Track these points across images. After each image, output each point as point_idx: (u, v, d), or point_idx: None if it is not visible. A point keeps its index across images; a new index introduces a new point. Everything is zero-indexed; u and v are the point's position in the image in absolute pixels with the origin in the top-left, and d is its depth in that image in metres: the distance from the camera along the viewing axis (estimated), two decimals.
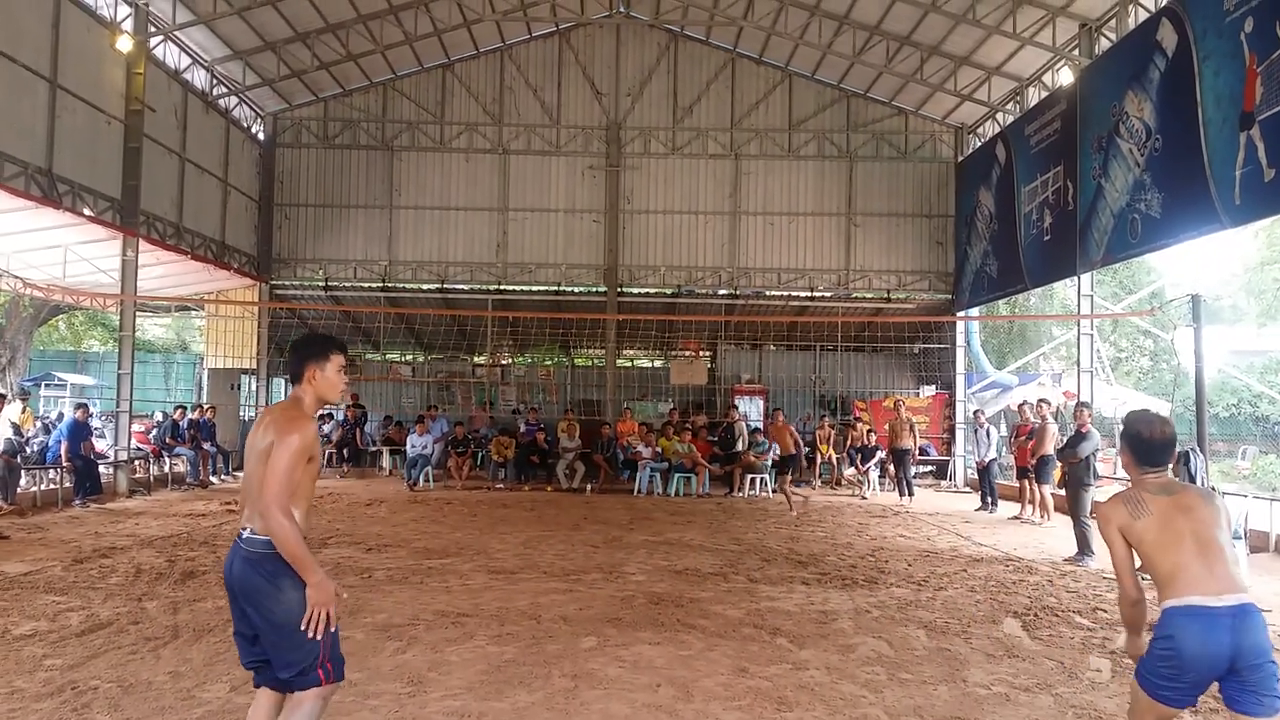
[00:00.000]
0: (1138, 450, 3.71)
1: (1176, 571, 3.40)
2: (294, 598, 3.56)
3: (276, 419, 3.70)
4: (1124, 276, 31.24)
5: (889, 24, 18.57)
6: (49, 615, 6.91)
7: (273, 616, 3.57)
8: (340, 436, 21.02)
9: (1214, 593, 3.32)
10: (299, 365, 3.87)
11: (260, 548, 3.57)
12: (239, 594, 3.62)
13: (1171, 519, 3.48)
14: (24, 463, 14.25)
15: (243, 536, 3.64)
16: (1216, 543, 3.44)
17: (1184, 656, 3.30)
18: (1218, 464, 23.95)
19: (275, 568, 3.56)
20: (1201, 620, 3.29)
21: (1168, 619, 3.38)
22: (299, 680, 3.60)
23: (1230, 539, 3.51)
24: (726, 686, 5.53)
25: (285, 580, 3.56)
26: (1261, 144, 10.59)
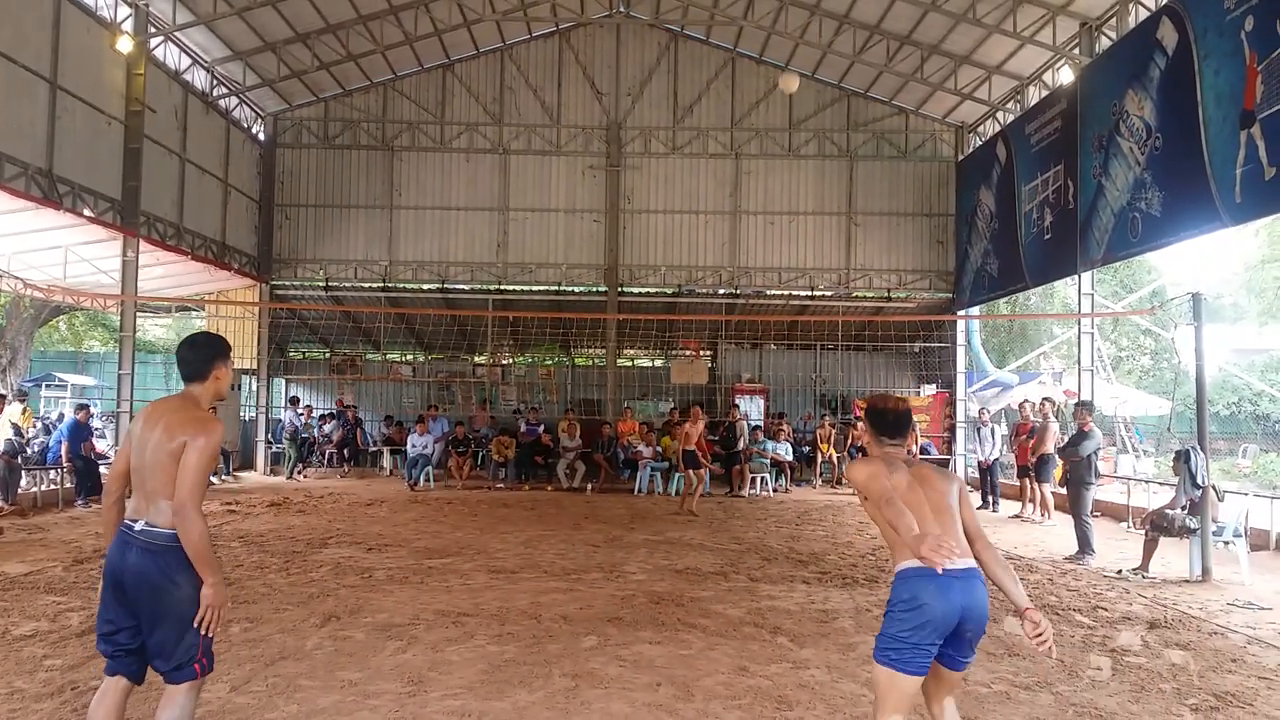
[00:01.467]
0: (878, 425, 3.96)
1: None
2: (187, 594, 3.66)
3: (185, 418, 3.74)
4: (1124, 275, 31.22)
5: (889, 23, 18.56)
6: (50, 615, 6.91)
7: (165, 610, 3.65)
8: (341, 437, 21.04)
9: (948, 555, 3.45)
10: (205, 363, 3.91)
11: (161, 540, 3.64)
12: (130, 584, 3.66)
13: (912, 487, 3.69)
14: (25, 463, 14.25)
15: (135, 528, 3.69)
16: (950, 510, 3.67)
17: (928, 611, 3.48)
18: (1218, 462, 23.93)
19: (173, 562, 3.64)
20: (939, 580, 3.48)
21: (907, 579, 3.58)
22: (176, 674, 3.72)
23: (962, 505, 3.72)
24: (727, 685, 5.53)
25: (181, 575, 3.65)
26: (1262, 142, 10.58)
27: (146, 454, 3.73)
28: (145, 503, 3.71)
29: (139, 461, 3.76)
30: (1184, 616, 7.71)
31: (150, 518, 3.67)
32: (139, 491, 3.75)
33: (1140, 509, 13.21)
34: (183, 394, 3.93)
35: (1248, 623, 7.57)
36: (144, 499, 3.71)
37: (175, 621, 3.66)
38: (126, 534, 3.71)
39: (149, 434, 3.75)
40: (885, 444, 3.92)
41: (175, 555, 3.63)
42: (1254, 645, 6.83)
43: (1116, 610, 7.91)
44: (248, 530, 11.76)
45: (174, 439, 3.66)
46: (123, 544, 3.70)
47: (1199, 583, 9.30)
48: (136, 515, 3.71)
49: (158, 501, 3.67)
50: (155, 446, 3.70)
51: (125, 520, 3.76)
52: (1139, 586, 9.14)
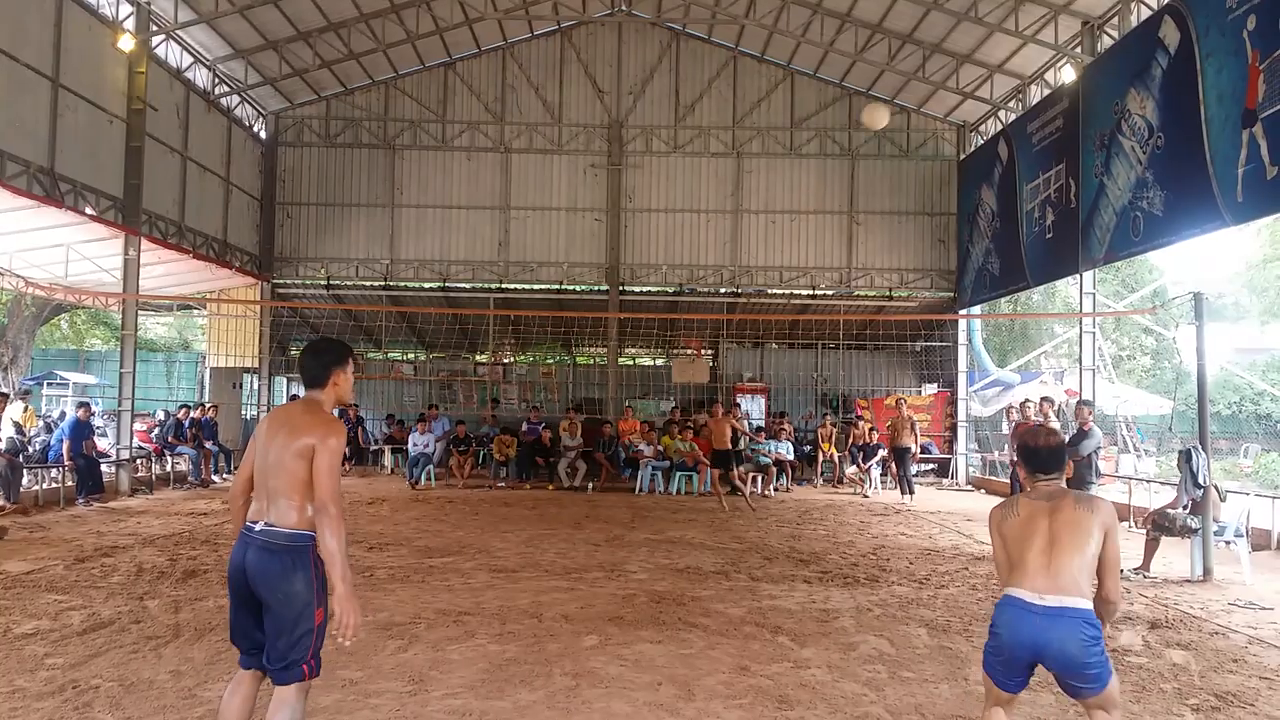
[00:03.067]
0: (1031, 461, 4.01)
1: (1017, 564, 3.72)
2: (302, 594, 3.70)
3: (311, 421, 3.82)
4: (1126, 274, 31.20)
5: (891, 22, 18.56)
6: (51, 614, 6.91)
7: (280, 608, 3.69)
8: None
9: (1036, 590, 3.61)
10: (324, 370, 3.99)
11: (281, 539, 3.71)
12: (255, 580, 3.71)
13: (1033, 521, 3.76)
14: (26, 462, 14.25)
15: (255, 529, 3.75)
16: (1068, 544, 3.67)
17: (1003, 641, 3.65)
18: (1220, 462, 23.93)
19: (294, 559, 3.71)
20: (1016, 610, 3.63)
21: (998, 606, 3.77)
22: (284, 674, 3.73)
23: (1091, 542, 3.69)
24: (728, 685, 5.53)
25: (300, 574, 3.70)
26: (1264, 141, 10.57)
27: (270, 456, 3.79)
28: (267, 504, 3.78)
29: (262, 464, 3.83)
30: (1185, 616, 7.70)
31: (270, 518, 3.74)
32: (260, 493, 3.82)
33: (1142, 509, 13.20)
34: (305, 399, 4.01)
35: (1249, 623, 7.56)
36: (266, 500, 3.78)
37: (289, 620, 3.71)
38: (247, 535, 3.79)
39: (273, 437, 3.83)
40: (1039, 479, 3.96)
41: (292, 554, 3.71)
42: (1255, 645, 6.83)
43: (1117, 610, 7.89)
44: None
45: (299, 439, 3.74)
46: (244, 545, 3.78)
47: (1200, 583, 9.29)
48: (257, 517, 3.79)
49: (278, 501, 3.74)
50: (280, 448, 3.77)
51: (247, 522, 3.84)
52: (1140, 586, 9.13)
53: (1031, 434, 4.10)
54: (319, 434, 3.75)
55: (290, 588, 3.69)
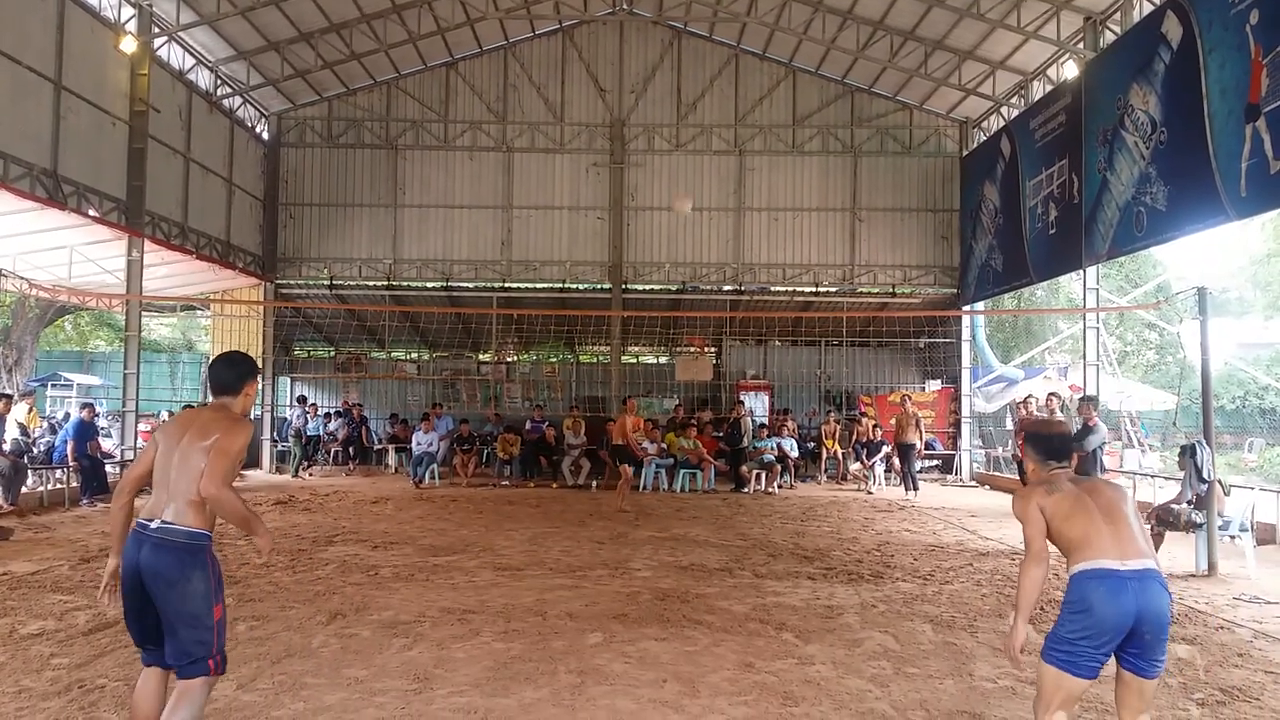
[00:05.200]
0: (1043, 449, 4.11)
1: (1086, 538, 3.70)
2: (200, 589, 3.80)
3: (220, 420, 3.99)
4: (1130, 270, 31.16)
5: (893, 19, 18.54)
6: (56, 614, 6.93)
7: (180, 605, 3.77)
8: (346, 435, 21.07)
9: (1118, 557, 3.62)
10: (239, 379, 4.18)
11: (180, 537, 3.80)
12: (147, 579, 3.77)
13: (1080, 497, 3.82)
14: (30, 462, 14.29)
15: (150, 526, 3.82)
16: (1123, 513, 3.77)
17: (1096, 614, 3.57)
18: (1224, 456, 23.90)
19: (187, 558, 3.80)
20: (1110, 582, 3.58)
21: (1078, 582, 3.69)
22: (190, 669, 3.81)
23: (1136, 514, 3.83)
24: (732, 682, 5.53)
25: (195, 572, 3.80)
26: (1267, 136, 10.55)
27: (175, 454, 3.89)
28: (165, 501, 3.85)
29: (164, 462, 3.92)
30: (1190, 611, 7.70)
31: (168, 516, 3.82)
32: (160, 490, 3.90)
33: (1146, 504, 13.17)
34: (215, 404, 4.16)
35: (1254, 617, 7.56)
36: (165, 497, 3.87)
37: (189, 616, 3.78)
38: (140, 533, 3.83)
39: (179, 436, 3.94)
40: (1051, 467, 4.07)
41: (190, 552, 3.80)
42: (1260, 640, 6.82)
43: None
44: None
45: (208, 436, 3.87)
46: (137, 542, 3.83)
47: (1205, 577, 9.29)
48: (153, 514, 3.85)
49: (178, 499, 3.83)
50: (186, 445, 3.89)
51: (139, 520, 3.89)
52: None
53: (1042, 423, 4.27)
54: (224, 429, 3.91)
55: (188, 586, 3.76)
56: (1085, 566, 3.66)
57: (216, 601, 3.86)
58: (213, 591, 3.83)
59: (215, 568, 3.90)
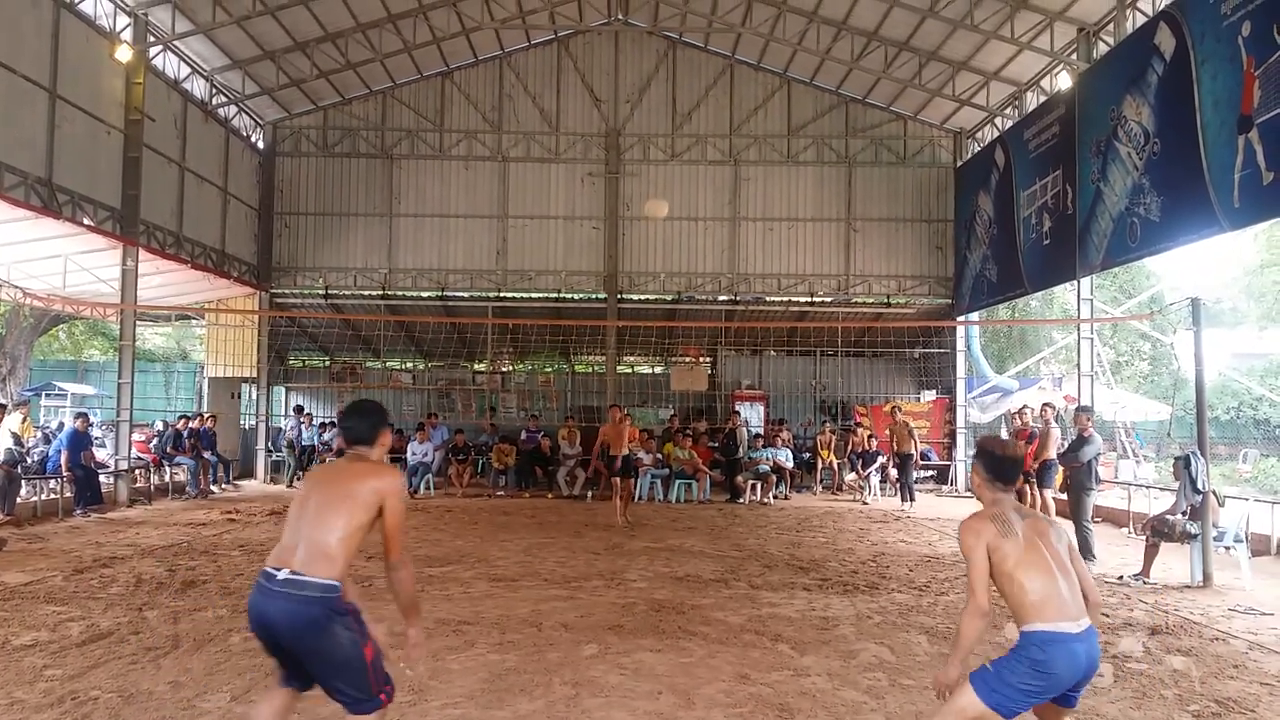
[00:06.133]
0: (994, 469, 3.96)
1: (1047, 598, 3.63)
2: (346, 636, 3.59)
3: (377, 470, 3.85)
4: (1124, 280, 31.26)
5: (887, 29, 18.60)
6: (49, 625, 6.90)
7: (333, 662, 3.59)
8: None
9: (1073, 619, 3.62)
10: (373, 430, 4.02)
11: (317, 591, 3.55)
12: (285, 635, 3.56)
13: (1034, 544, 3.73)
14: (24, 472, 14.23)
15: (276, 577, 3.56)
16: (1069, 566, 3.74)
17: (1056, 678, 3.59)
18: (1218, 467, 23.94)
19: (329, 611, 3.57)
20: (1071, 646, 3.59)
21: (1036, 642, 3.61)
22: (363, 707, 3.68)
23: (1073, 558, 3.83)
24: (728, 693, 5.52)
25: (336, 623, 3.58)
26: (1260, 147, 10.59)
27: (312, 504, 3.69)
28: (297, 551, 3.61)
29: (299, 511, 3.71)
30: (1185, 622, 7.70)
31: (297, 565, 3.57)
32: (292, 540, 3.66)
33: (1141, 514, 13.21)
34: (357, 454, 3.97)
35: (1249, 628, 7.56)
36: (297, 547, 3.62)
37: (346, 668, 3.60)
38: (267, 585, 3.58)
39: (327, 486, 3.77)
40: (998, 489, 3.93)
41: (324, 605, 3.55)
42: (1255, 651, 6.83)
43: (1118, 616, 7.90)
44: (248, 539, 11.75)
45: (365, 484, 3.72)
46: (264, 597, 3.58)
47: (1200, 588, 9.29)
48: (280, 563, 3.60)
49: (313, 549, 3.60)
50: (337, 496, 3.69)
51: (267, 568, 3.63)
52: (1140, 592, 9.13)
53: (997, 442, 4.05)
54: (389, 484, 3.76)
55: (332, 640, 3.56)
56: (1046, 629, 3.61)
57: (365, 643, 3.65)
58: (358, 636, 3.62)
59: (353, 611, 3.68)
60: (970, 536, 3.78)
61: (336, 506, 3.66)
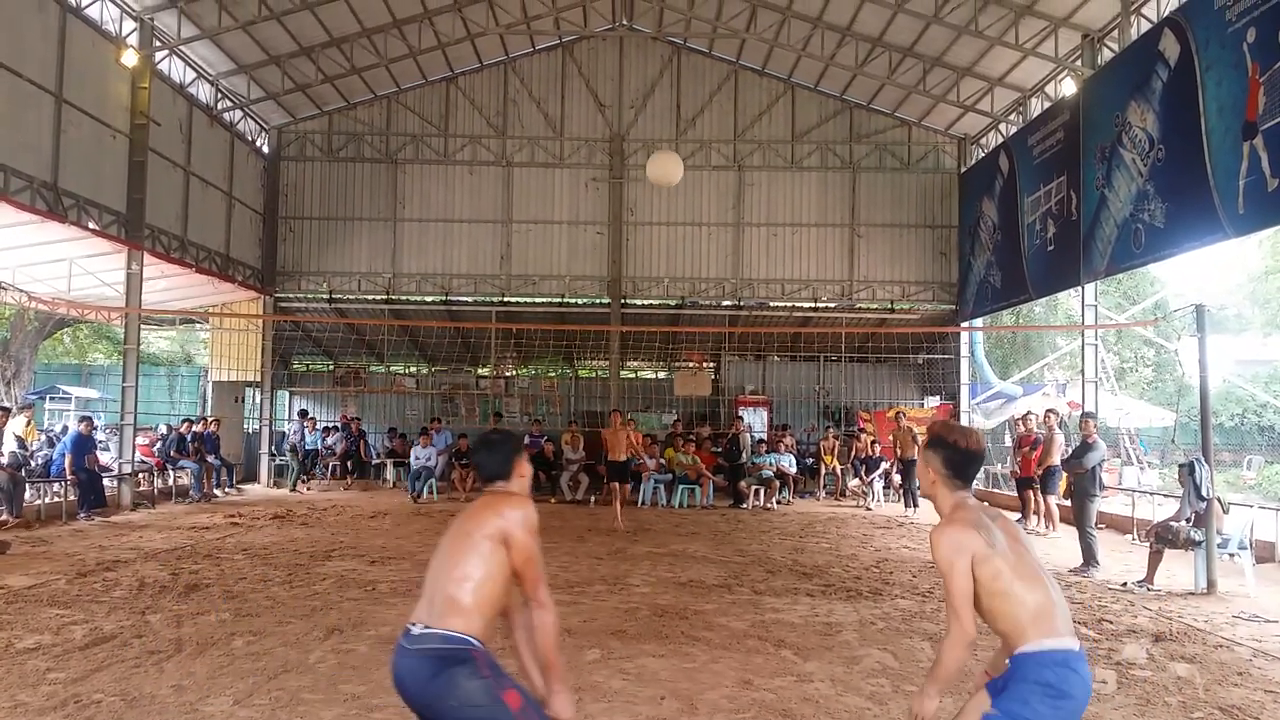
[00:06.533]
0: (956, 463, 3.32)
1: (1044, 611, 3.07)
2: (477, 686, 3.21)
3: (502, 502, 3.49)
4: (1128, 287, 31.21)
5: (891, 36, 18.61)
6: (53, 629, 6.90)
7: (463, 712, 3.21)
8: (344, 449, 21.04)
9: (1069, 633, 3.10)
10: (506, 462, 3.65)
11: (435, 643, 3.25)
12: (417, 699, 3.29)
13: (1019, 550, 3.16)
14: (28, 476, 14.26)
15: (413, 632, 3.31)
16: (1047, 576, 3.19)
17: (1076, 699, 3.02)
18: (1223, 474, 23.88)
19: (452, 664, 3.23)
20: (1077, 663, 3.06)
21: (1048, 666, 3.02)
22: None
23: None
24: (731, 699, 5.51)
25: (459, 673, 3.21)
26: (1265, 153, 10.58)
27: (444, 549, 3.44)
28: (428, 603, 3.36)
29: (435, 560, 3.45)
30: (1189, 629, 7.68)
31: (426, 619, 3.31)
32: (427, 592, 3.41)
33: (1145, 521, 13.18)
34: (489, 492, 3.63)
35: (1253, 635, 7.54)
36: (429, 599, 3.37)
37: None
38: (401, 643, 3.34)
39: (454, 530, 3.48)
40: (958, 487, 3.34)
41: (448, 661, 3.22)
42: (1260, 658, 6.80)
43: (1121, 623, 7.88)
44: (251, 543, 11.76)
45: (486, 523, 3.39)
46: (397, 654, 3.34)
47: (1204, 595, 9.26)
48: (416, 619, 3.35)
49: (437, 599, 3.34)
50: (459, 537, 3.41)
51: (407, 625, 3.38)
52: (1144, 599, 9.11)
53: (958, 431, 3.38)
54: (511, 517, 3.39)
55: (458, 693, 3.19)
56: (1051, 646, 3.03)
57: (503, 690, 3.23)
58: (492, 683, 3.22)
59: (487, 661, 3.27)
60: (949, 549, 3.16)
61: (462, 552, 3.36)
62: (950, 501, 3.33)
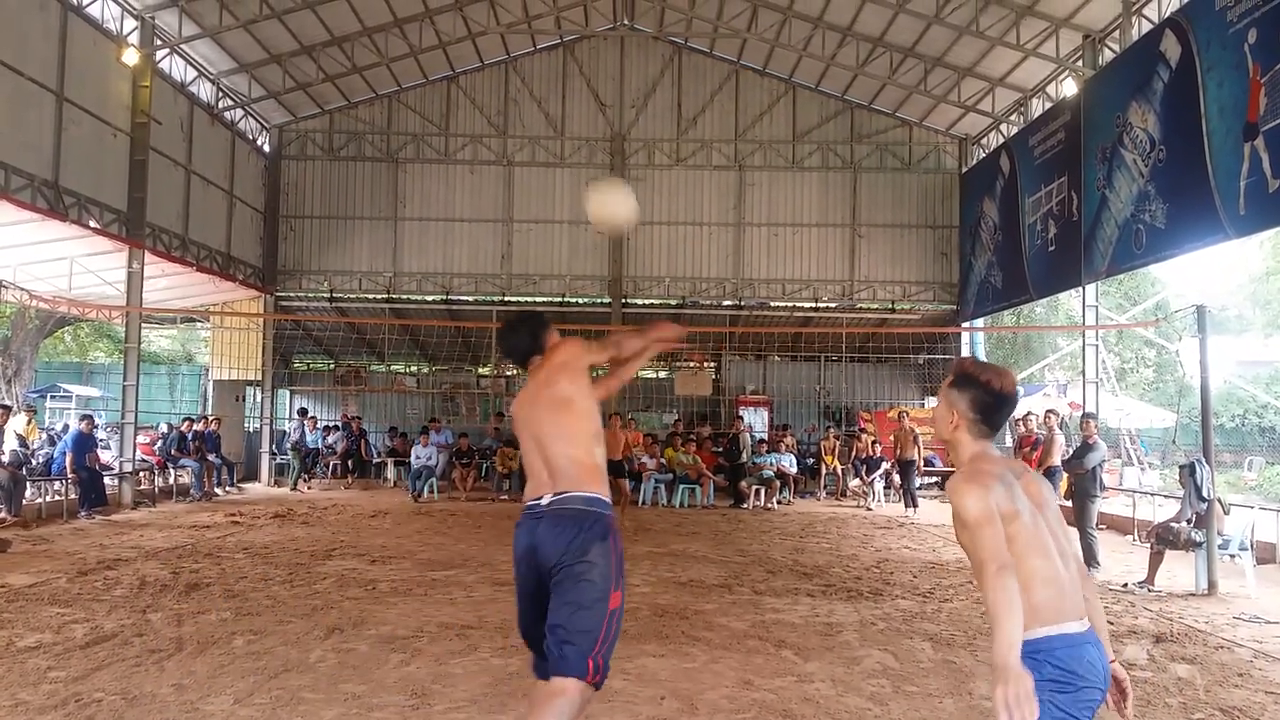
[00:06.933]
0: (986, 408, 2.92)
1: (1051, 592, 2.71)
2: (601, 564, 3.34)
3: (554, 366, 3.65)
4: (1129, 287, 31.21)
5: (892, 36, 18.61)
6: (53, 627, 6.90)
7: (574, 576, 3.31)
8: (345, 448, 21.04)
9: (1078, 616, 2.75)
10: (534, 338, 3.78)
11: (579, 504, 3.38)
12: (544, 552, 3.35)
13: (1036, 519, 2.79)
14: (29, 474, 14.26)
15: (544, 502, 3.42)
16: (1069, 551, 2.84)
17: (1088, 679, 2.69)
18: (1224, 475, 23.87)
19: (592, 524, 3.35)
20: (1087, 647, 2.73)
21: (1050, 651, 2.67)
22: (564, 663, 3.30)
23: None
24: (731, 699, 5.51)
25: (598, 544, 3.35)
26: (1266, 154, 10.58)
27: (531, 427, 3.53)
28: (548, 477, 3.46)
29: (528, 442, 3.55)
30: (1190, 630, 7.67)
31: (559, 486, 3.40)
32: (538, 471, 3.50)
33: (1145, 522, 13.17)
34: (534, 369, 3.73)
35: (1254, 637, 7.53)
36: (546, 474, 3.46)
37: (575, 597, 3.30)
38: (532, 514, 3.42)
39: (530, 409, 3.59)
40: (984, 435, 2.94)
41: (590, 520, 3.34)
42: (1261, 659, 6.80)
43: (1122, 624, 7.87)
44: (252, 541, 11.76)
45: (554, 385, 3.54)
46: (530, 524, 3.43)
47: (1205, 596, 9.26)
48: (539, 492, 3.45)
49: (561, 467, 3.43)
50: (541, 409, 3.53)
51: (527, 503, 3.50)
52: (1144, 600, 9.11)
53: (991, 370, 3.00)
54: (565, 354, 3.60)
55: (585, 556, 3.30)
56: (1055, 631, 2.68)
57: (615, 588, 3.35)
58: (614, 572, 3.35)
59: (618, 546, 3.41)
60: (976, 498, 2.70)
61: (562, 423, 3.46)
62: (972, 450, 2.94)
